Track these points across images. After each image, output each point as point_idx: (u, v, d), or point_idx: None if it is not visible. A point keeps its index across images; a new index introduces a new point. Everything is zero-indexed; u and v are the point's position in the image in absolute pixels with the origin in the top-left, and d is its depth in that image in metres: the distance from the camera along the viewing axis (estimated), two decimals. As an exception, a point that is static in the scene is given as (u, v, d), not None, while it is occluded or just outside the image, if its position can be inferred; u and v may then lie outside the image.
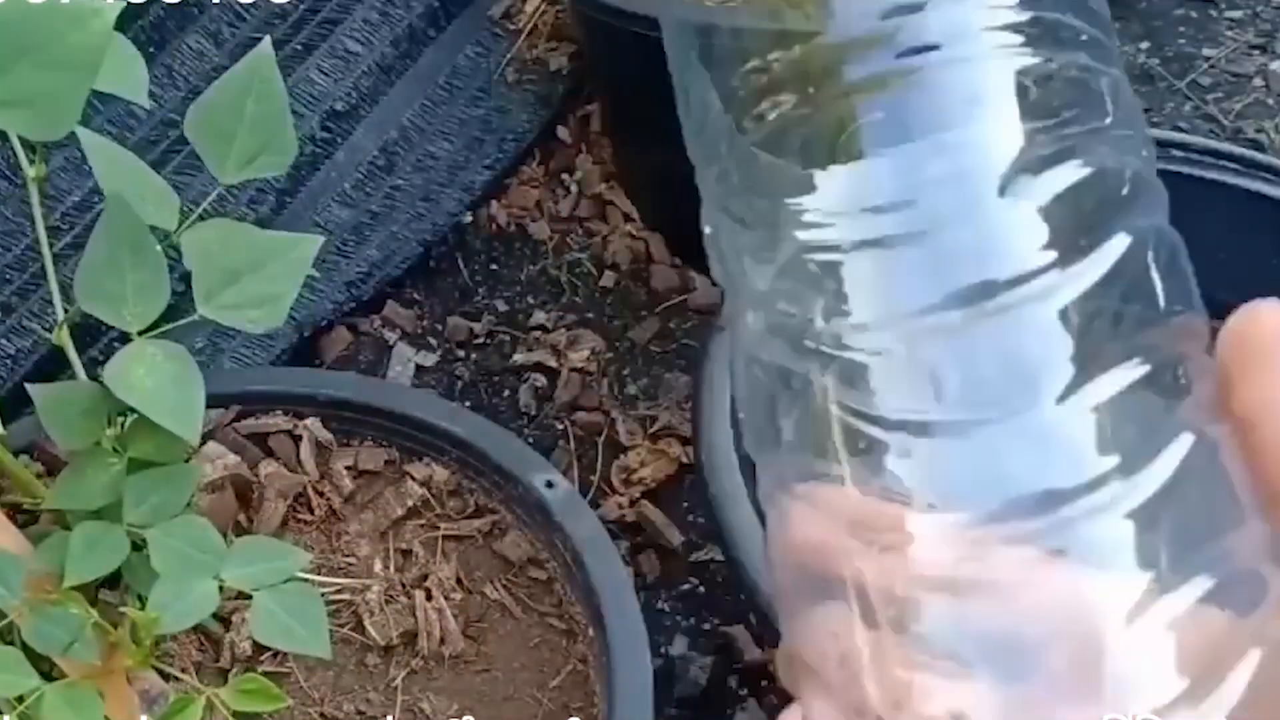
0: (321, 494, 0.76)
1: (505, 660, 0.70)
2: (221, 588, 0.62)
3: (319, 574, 0.72)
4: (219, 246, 0.62)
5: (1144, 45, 1.50)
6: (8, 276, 0.99)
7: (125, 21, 0.53)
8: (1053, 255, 0.24)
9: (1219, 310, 0.26)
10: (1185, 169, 0.81)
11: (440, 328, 1.23)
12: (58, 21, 0.48)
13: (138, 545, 0.63)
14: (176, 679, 0.65)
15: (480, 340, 1.22)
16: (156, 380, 0.58)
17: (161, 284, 0.61)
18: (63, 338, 0.65)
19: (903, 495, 0.24)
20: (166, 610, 0.59)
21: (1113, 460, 0.23)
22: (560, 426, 1.14)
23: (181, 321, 0.62)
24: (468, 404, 1.15)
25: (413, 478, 0.76)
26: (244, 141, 0.63)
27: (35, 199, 0.63)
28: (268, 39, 0.65)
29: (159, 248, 0.61)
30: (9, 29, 0.47)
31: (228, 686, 0.60)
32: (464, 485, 0.76)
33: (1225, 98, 1.42)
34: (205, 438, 0.67)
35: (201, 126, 0.64)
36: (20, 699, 0.56)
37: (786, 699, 0.26)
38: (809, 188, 0.25)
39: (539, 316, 1.23)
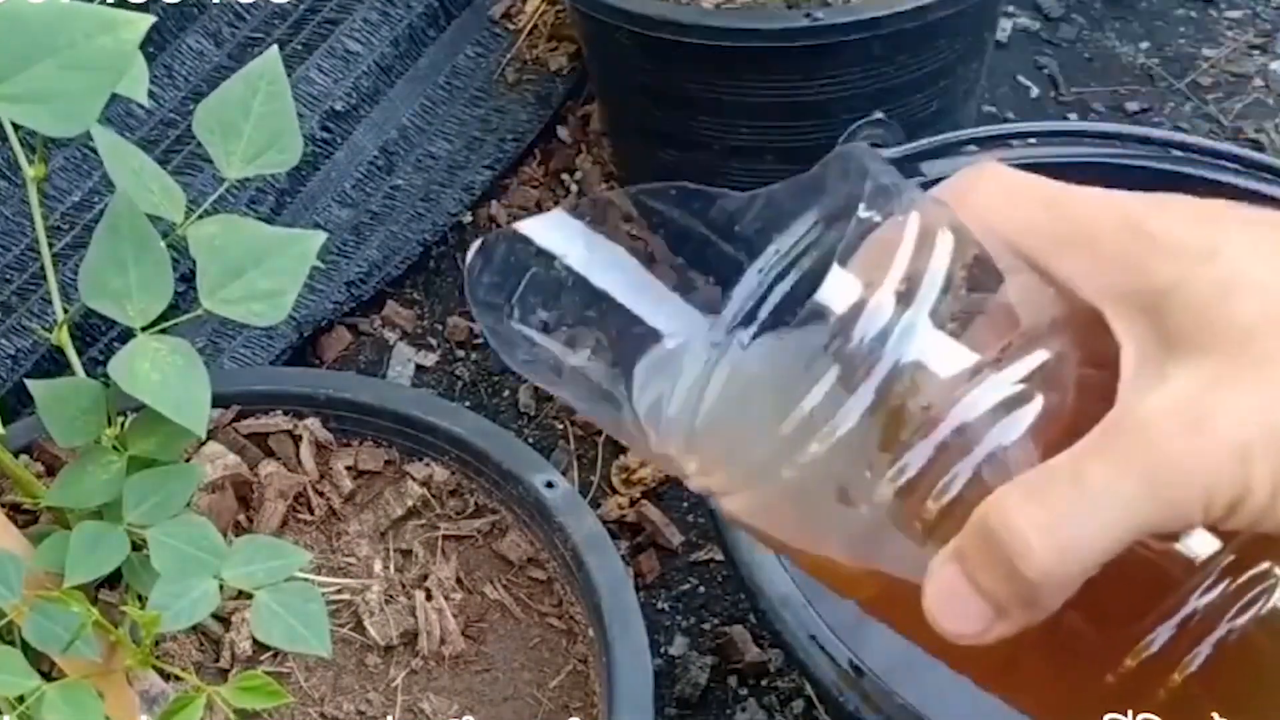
0: (321, 494, 0.76)
1: (505, 660, 0.70)
2: (222, 587, 0.61)
3: (319, 574, 0.72)
4: (223, 241, 0.62)
5: (1144, 45, 1.50)
6: (8, 276, 0.99)
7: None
8: None
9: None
10: (1185, 169, 0.81)
11: (440, 328, 1.23)
12: (88, 24, 0.48)
13: (138, 545, 0.63)
14: (177, 679, 0.65)
15: (480, 340, 1.22)
16: (162, 375, 0.58)
17: (165, 280, 0.61)
18: (63, 338, 0.65)
19: None
20: (166, 610, 0.59)
21: None
22: (560, 426, 1.14)
23: (184, 317, 0.62)
24: (468, 404, 1.15)
25: (413, 478, 0.76)
26: (251, 138, 0.63)
27: (35, 199, 0.63)
28: (275, 45, 0.65)
29: (162, 244, 0.61)
30: (39, 26, 0.47)
31: (228, 684, 0.60)
32: (464, 485, 0.76)
33: (1225, 98, 1.42)
34: (205, 437, 0.67)
35: (209, 122, 0.64)
36: (21, 699, 0.56)
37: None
38: None
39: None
